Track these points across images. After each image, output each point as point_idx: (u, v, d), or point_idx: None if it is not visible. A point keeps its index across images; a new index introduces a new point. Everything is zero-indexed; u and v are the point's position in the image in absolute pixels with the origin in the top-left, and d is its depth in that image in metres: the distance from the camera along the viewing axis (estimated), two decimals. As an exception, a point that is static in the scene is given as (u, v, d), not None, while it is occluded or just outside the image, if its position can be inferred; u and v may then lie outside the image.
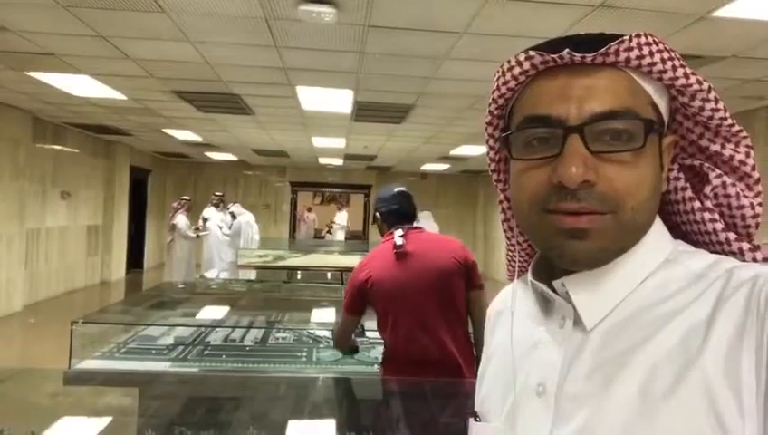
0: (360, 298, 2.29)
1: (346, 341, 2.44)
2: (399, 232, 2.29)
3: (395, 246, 2.24)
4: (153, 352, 3.11)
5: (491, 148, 0.71)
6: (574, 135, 0.56)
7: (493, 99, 0.66)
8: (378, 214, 2.41)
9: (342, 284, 6.22)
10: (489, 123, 0.69)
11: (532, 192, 0.59)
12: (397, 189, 2.42)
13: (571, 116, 0.57)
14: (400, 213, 2.36)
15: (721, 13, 3.33)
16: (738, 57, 4.17)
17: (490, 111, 0.68)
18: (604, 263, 0.59)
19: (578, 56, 0.57)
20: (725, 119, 0.61)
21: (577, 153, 0.55)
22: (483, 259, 13.83)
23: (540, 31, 3.69)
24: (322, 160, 12.94)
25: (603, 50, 0.57)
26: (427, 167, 13.20)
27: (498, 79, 0.64)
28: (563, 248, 0.58)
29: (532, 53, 0.59)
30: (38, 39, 4.40)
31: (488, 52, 4.17)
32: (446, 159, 11.25)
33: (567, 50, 0.57)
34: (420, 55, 4.46)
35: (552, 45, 0.59)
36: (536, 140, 0.59)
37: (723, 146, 0.63)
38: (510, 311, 0.71)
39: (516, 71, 0.61)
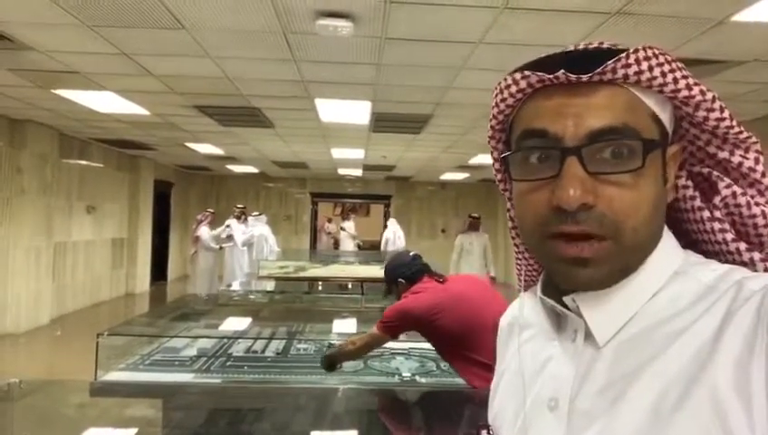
0: (408, 326, 2.50)
1: (365, 354, 2.67)
2: (437, 276, 2.62)
3: (442, 281, 2.55)
4: (177, 363, 3.15)
5: (495, 159, 0.71)
6: (572, 157, 0.56)
7: (493, 115, 0.66)
8: (401, 280, 2.64)
9: (363, 294, 6.22)
10: (491, 137, 0.69)
11: (534, 214, 0.59)
12: (411, 254, 2.75)
13: (567, 135, 0.57)
14: (425, 269, 2.65)
15: (740, 17, 3.29)
16: (760, 60, 4.12)
17: (491, 126, 0.68)
18: (609, 285, 0.59)
19: (573, 77, 0.57)
20: (732, 127, 0.60)
21: (575, 176, 0.55)
22: (504, 268, 13.72)
23: (556, 39, 3.69)
24: (342, 171, 13.01)
25: (600, 69, 0.56)
26: (446, 176, 13.18)
27: (497, 96, 0.64)
28: (567, 275, 0.58)
29: (527, 72, 0.59)
30: (64, 58, 4.52)
31: (504, 61, 4.18)
32: (464, 168, 11.24)
33: (562, 70, 0.56)
34: (437, 66, 4.48)
35: (549, 61, 0.59)
36: (535, 157, 0.59)
37: (731, 153, 0.62)
38: (519, 325, 0.71)
39: (513, 89, 0.61)
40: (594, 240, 0.56)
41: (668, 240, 0.62)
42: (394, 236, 11.49)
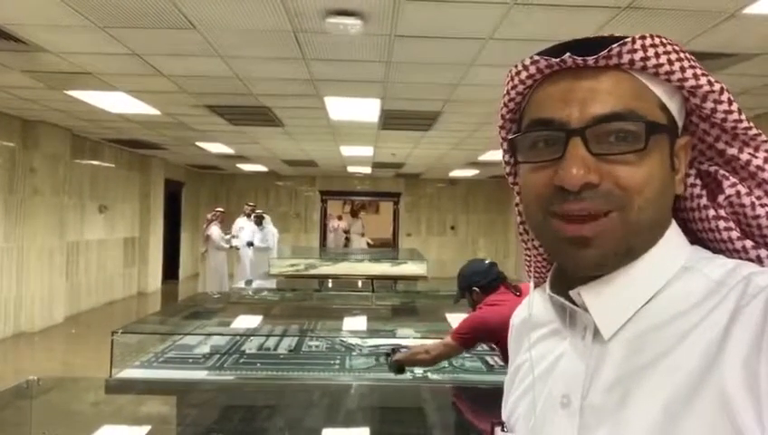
0: (483, 339, 2.48)
1: (438, 363, 2.64)
2: (513, 287, 2.54)
3: (519, 294, 2.46)
4: (190, 361, 3.18)
5: (505, 151, 0.72)
6: (576, 138, 0.56)
7: (504, 103, 0.67)
8: (476, 289, 2.57)
9: (373, 291, 6.24)
10: (502, 127, 0.70)
11: (537, 194, 0.60)
12: (488, 262, 2.67)
13: (573, 119, 0.57)
14: (502, 279, 2.59)
15: (752, 9, 3.26)
16: (773, 54, 4.08)
17: (502, 116, 0.69)
18: (613, 268, 0.59)
19: (580, 59, 0.58)
20: (740, 121, 0.60)
21: (578, 156, 0.56)
22: (514, 264, 13.70)
23: (566, 35, 3.60)
24: (351, 169, 13.02)
25: (605, 52, 0.57)
26: (456, 173, 13.15)
27: (508, 84, 0.65)
28: (567, 256, 0.58)
29: (536, 57, 0.61)
30: (76, 59, 4.55)
31: (515, 57, 4.11)
32: (474, 164, 11.21)
33: (569, 54, 0.57)
34: (446, 62, 4.47)
35: (557, 50, 0.60)
36: (542, 142, 0.60)
37: (740, 150, 0.61)
38: (530, 323, 0.71)
39: (523, 75, 0.63)
40: (597, 218, 0.56)
41: (675, 233, 0.62)
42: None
